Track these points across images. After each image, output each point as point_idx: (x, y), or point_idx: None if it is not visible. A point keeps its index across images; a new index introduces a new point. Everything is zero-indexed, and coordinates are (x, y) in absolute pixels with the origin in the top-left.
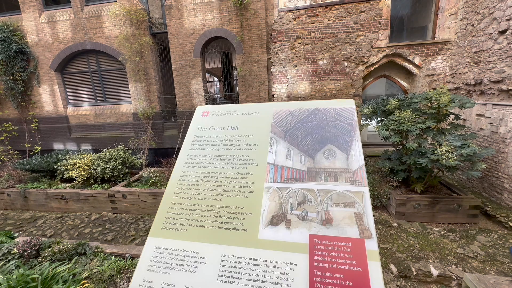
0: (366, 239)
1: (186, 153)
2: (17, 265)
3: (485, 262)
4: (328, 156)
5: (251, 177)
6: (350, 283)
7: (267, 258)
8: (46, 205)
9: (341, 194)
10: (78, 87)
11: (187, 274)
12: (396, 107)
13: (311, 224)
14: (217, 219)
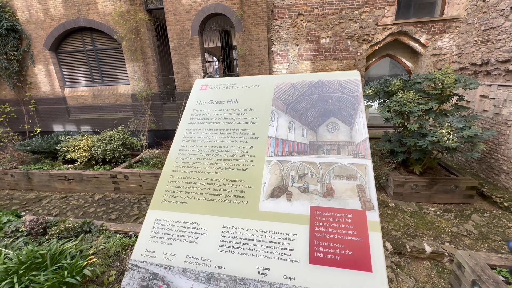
0: (368, 211)
1: (185, 127)
2: (26, 242)
3: (478, 240)
4: (331, 129)
5: (252, 150)
6: (351, 252)
7: (267, 229)
8: (49, 185)
9: (344, 167)
10: (74, 67)
11: (188, 244)
12: (399, 88)
13: (312, 197)
14: (217, 192)
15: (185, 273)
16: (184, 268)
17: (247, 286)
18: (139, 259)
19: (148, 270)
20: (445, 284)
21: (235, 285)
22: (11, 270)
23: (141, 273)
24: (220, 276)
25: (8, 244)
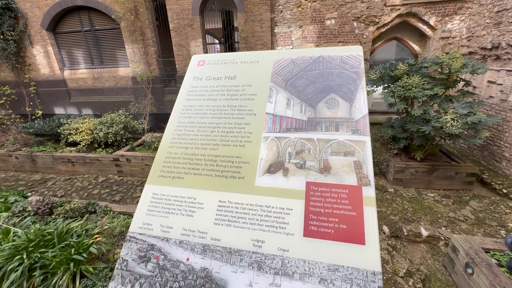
0: (364, 186)
1: (182, 103)
2: (33, 221)
3: (474, 225)
4: (330, 106)
5: (249, 127)
6: (345, 226)
7: (263, 204)
8: (54, 167)
9: (341, 144)
10: (73, 49)
11: (185, 218)
12: (405, 73)
13: (308, 172)
14: (214, 168)
15: (182, 244)
16: (180, 240)
17: (242, 257)
18: (137, 231)
19: (146, 242)
20: (439, 266)
21: (230, 256)
22: (20, 247)
23: (139, 244)
24: (215, 247)
25: (17, 222)
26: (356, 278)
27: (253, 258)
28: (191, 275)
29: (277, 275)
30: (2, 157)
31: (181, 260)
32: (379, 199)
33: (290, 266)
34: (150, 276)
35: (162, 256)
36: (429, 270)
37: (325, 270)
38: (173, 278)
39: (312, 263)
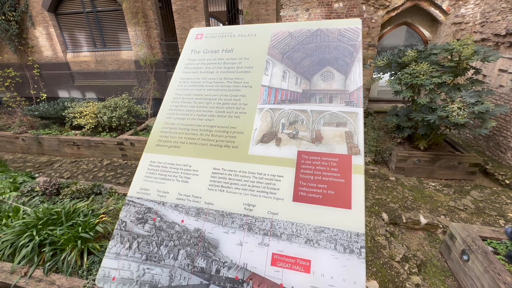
0: (354, 155)
1: (179, 76)
2: (41, 200)
3: (473, 214)
4: (325, 78)
5: (244, 99)
6: (332, 192)
7: (255, 171)
8: (59, 150)
9: (334, 115)
10: (75, 30)
11: (180, 183)
12: (413, 59)
13: (300, 142)
14: (209, 138)
15: (177, 208)
16: (176, 204)
17: (233, 220)
18: (135, 196)
19: (143, 205)
20: (436, 253)
21: (223, 218)
22: (30, 225)
23: (136, 208)
24: (209, 211)
25: (26, 202)
26: (340, 239)
27: (244, 221)
28: (185, 235)
29: (266, 235)
30: (9, 139)
31: (176, 221)
32: (379, 187)
33: (278, 227)
34: (147, 236)
35: (158, 218)
36: (425, 256)
37: (311, 232)
38: (168, 238)
39: (300, 225)
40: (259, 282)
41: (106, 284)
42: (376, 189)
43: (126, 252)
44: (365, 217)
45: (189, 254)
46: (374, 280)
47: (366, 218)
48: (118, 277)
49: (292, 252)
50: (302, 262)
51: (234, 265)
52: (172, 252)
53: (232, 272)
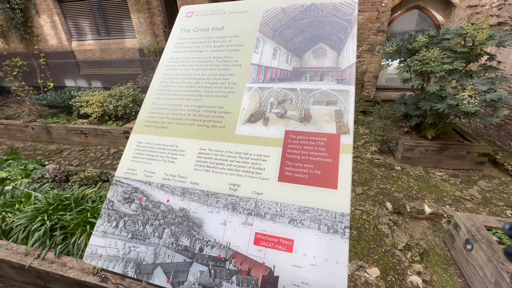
0: (343, 134)
1: (168, 56)
2: (51, 187)
3: (480, 204)
4: (317, 55)
5: (233, 78)
6: (319, 172)
7: (241, 151)
8: (68, 138)
9: (325, 93)
10: (79, 18)
11: (167, 164)
12: (424, 45)
13: (288, 121)
14: (197, 118)
15: (163, 188)
16: (162, 184)
17: (218, 199)
18: (122, 176)
19: (130, 185)
20: (439, 242)
21: (207, 198)
22: (41, 210)
23: (123, 187)
24: (194, 190)
25: (36, 188)
26: (325, 219)
27: (228, 200)
28: (170, 214)
29: (250, 215)
30: (19, 128)
31: (162, 201)
32: (384, 176)
33: (263, 207)
34: (133, 215)
35: (144, 198)
36: (428, 245)
37: (295, 212)
38: (154, 217)
39: (284, 205)
40: (241, 261)
41: (94, 261)
42: (381, 178)
43: (113, 230)
44: (368, 206)
45: (174, 233)
46: (376, 267)
47: (369, 207)
48: (105, 255)
49: (276, 231)
50: (285, 241)
51: (217, 244)
52: (157, 231)
53: (215, 251)
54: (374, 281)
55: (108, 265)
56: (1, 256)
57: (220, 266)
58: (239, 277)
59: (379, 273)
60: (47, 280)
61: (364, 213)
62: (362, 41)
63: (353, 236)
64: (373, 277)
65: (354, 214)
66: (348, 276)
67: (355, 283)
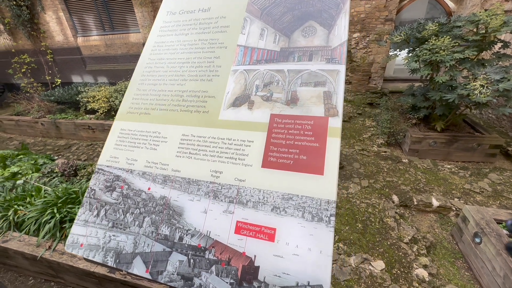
0: (331, 117)
1: (153, 40)
2: (60, 181)
3: (490, 197)
4: (306, 34)
5: (218, 60)
6: (305, 157)
7: (225, 137)
8: (76, 134)
9: (313, 74)
10: (83, 14)
11: (149, 151)
12: (434, 33)
13: (274, 105)
14: (180, 103)
15: (144, 175)
16: (143, 171)
17: (199, 187)
18: (105, 164)
19: (112, 173)
20: (447, 235)
21: (189, 186)
22: (50, 203)
23: (105, 176)
24: (175, 178)
25: (46, 182)
26: (309, 206)
27: (210, 188)
28: (151, 203)
29: (231, 203)
30: (29, 124)
31: (143, 189)
32: (391, 169)
33: (245, 195)
34: (114, 204)
35: (126, 186)
36: (435, 239)
37: (278, 199)
38: (134, 205)
39: (267, 192)
40: (221, 250)
41: (75, 250)
42: (387, 171)
43: (94, 219)
44: (374, 199)
45: (154, 221)
46: (381, 260)
47: (375, 200)
48: (86, 244)
49: (257, 220)
50: (267, 230)
51: (197, 233)
52: (137, 220)
53: (195, 240)
54: (379, 273)
55: (89, 254)
56: (14, 247)
57: (199, 255)
58: (219, 267)
59: (384, 266)
60: (58, 270)
61: (369, 206)
62: (369, 31)
63: (358, 229)
64: (378, 269)
65: (359, 207)
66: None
67: (360, 276)
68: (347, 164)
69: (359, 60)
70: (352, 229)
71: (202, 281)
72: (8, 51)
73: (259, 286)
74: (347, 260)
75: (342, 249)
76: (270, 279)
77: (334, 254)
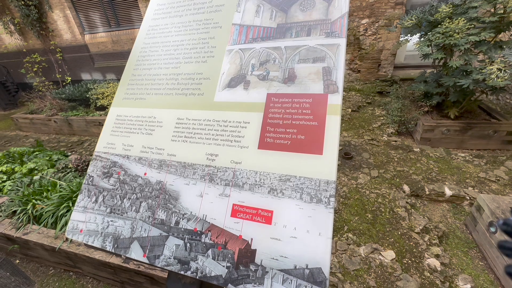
0: (330, 94)
1: (148, 24)
2: (74, 176)
3: (506, 185)
4: (304, 8)
5: (213, 41)
6: (303, 136)
7: (220, 119)
8: (87, 130)
9: (312, 49)
10: (89, 11)
11: (144, 136)
12: (448, 16)
13: (271, 84)
14: (175, 86)
15: (140, 161)
16: (139, 157)
17: (195, 170)
18: (102, 151)
19: (109, 160)
20: (460, 225)
21: (184, 170)
22: (65, 197)
23: (103, 162)
24: (171, 162)
25: (61, 177)
26: (308, 188)
27: (205, 171)
28: (147, 188)
29: (227, 186)
30: (43, 122)
31: (139, 175)
32: (402, 158)
33: (241, 177)
34: (112, 189)
35: (122, 172)
36: (448, 228)
37: (276, 181)
38: (131, 191)
39: (264, 174)
40: (217, 234)
41: (75, 236)
42: (398, 161)
43: (92, 205)
44: (384, 189)
45: (150, 206)
46: (391, 250)
47: (385, 190)
48: (85, 229)
49: (254, 202)
50: (264, 213)
51: (193, 217)
52: (134, 205)
53: (191, 224)
54: (389, 263)
55: (88, 240)
56: (34, 239)
57: (196, 239)
58: (215, 251)
59: (394, 256)
60: (76, 261)
61: (379, 197)
62: (379, 16)
63: (368, 219)
64: (388, 259)
65: (369, 197)
66: (362, 259)
67: (369, 265)
68: (356, 154)
69: (368, 48)
70: (362, 219)
71: (199, 264)
72: (19, 51)
73: (256, 269)
74: (356, 250)
75: (352, 239)
76: (267, 262)
77: (344, 244)
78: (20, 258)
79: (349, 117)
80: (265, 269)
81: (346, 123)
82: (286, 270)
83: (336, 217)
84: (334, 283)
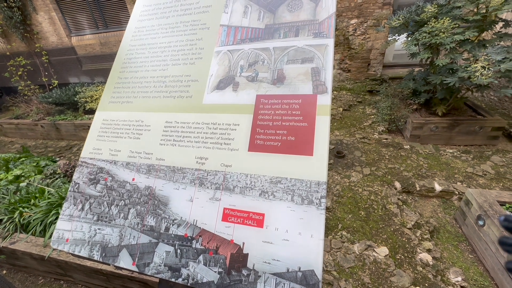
0: (320, 94)
1: (134, 25)
2: (63, 182)
3: (493, 180)
4: (292, 8)
5: (201, 42)
6: (293, 138)
7: (209, 121)
8: (76, 134)
9: (300, 50)
10: (76, 13)
11: (132, 140)
12: (433, 16)
13: (260, 85)
14: (162, 89)
15: (128, 166)
16: (127, 162)
17: (184, 175)
18: (88, 157)
19: (95, 166)
20: (450, 219)
21: (174, 174)
22: (54, 204)
23: (89, 168)
24: (160, 167)
25: (49, 183)
26: (299, 189)
27: (195, 175)
28: (136, 194)
29: (218, 190)
30: (30, 127)
31: (127, 180)
32: (392, 156)
33: (231, 180)
34: (99, 196)
35: (110, 178)
36: (438, 223)
37: (267, 183)
38: (119, 197)
39: (255, 177)
40: (208, 239)
41: (60, 245)
42: (389, 158)
43: (78, 213)
44: (377, 187)
45: (139, 212)
46: (384, 246)
47: (378, 188)
48: (71, 239)
49: (245, 206)
50: (255, 216)
51: (183, 222)
52: (122, 212)
53: (181, 230)
54: (383, 259)
55: (74, 249)
56: (22, 248)
57: (186, 245)
58: (207, 256)
59: (388, 252)
60: (67, 269)
61: (372, 194)
62: (367, 16)
63: (361, 216)
64: (381, 255)
65: (361, 195)
66: (357, 256)
67: (364, 262)
68: (349, 153)
69: (357, 47)
70: (355, 217)
71: (190, 271)
72: (3, 54)
73: (248, 274)
74: (351, 248)
75: (346, 236)
76: (260, 266)
77: (338, 242)
78: (7, 269)
79: (340, 116)
80: (258, 274)
81: (337, 122)
82: (278, 273)
83: (330, 216)
84: (330, 281)
